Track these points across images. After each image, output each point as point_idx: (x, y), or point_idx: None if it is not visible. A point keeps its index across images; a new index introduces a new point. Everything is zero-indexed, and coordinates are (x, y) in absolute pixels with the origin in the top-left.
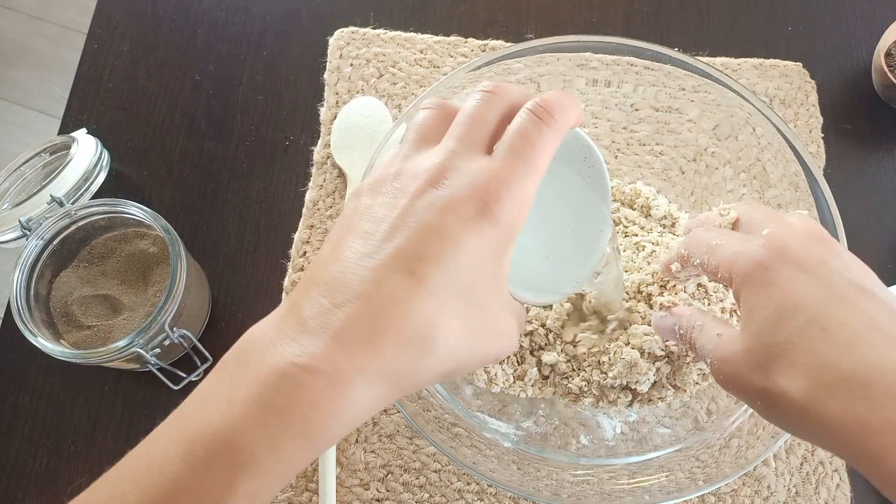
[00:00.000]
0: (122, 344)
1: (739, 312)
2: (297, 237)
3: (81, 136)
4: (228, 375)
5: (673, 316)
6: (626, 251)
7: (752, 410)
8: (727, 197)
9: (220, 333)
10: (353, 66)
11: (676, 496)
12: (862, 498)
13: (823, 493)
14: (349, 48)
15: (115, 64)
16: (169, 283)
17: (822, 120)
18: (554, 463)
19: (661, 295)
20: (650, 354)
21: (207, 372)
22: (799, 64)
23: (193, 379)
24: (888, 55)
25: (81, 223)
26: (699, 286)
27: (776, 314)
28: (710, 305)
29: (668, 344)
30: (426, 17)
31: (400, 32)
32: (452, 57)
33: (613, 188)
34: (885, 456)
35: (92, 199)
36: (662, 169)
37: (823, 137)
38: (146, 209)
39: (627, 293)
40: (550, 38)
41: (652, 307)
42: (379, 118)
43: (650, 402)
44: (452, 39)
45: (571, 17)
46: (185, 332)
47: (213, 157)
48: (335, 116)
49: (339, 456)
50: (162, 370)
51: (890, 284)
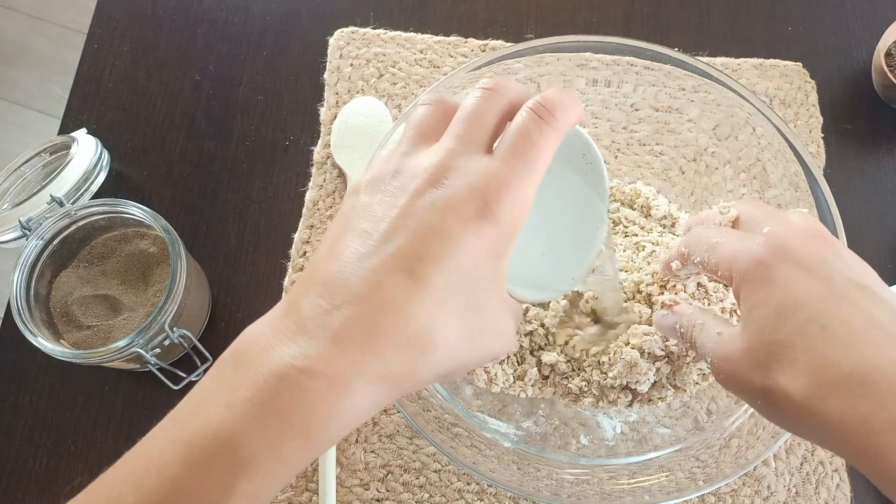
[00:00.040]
0: (122, 344)
1: (739, 311)
2: (297, 237)
3: (81, 136)
4: (226, 377)
5: (674, 314)
6: (626, 251)
7: (752, 410)
8: (727, 197)
9: (220, 333)
10: (353, 66)
11: (676, 496)
12: (862, 498)
13: (823, 493)
14: (349, 48)
15: (115, 64)
16: (169, 283)
17: (822, 120)
18: (554, 463)
19: (661, 294)
20: (650, 354)
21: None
22: (799, 64)
23: (193, 379)
24: (888, 55)
25: (81, 223)
26: (699, 286)
27: (776, 312)
28: (710, 305)
29: (668, 344)
30: (426, 17)
31: (400, 32)
32: (452, 57)
33: (613, 188)
34: (885, 455)
35: (92, 199)
36: (662, 169)
37: (823, 137)
38: (146, 209)
39: (626, 293)
40: (550, 38)
41: (652, 307)
42: (379, 118)
43: (650, 402)
44: (452, 39)
45: (571, 17)
46: (185, 332)
47: (213, 157)
48: (335, 116)
49: (339, 456)
50: (162, 370)
51: (890, 284)
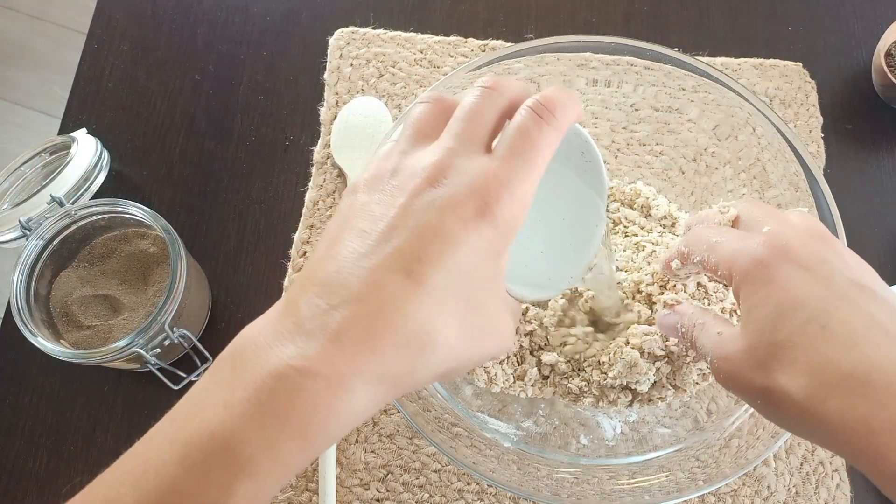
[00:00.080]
0: (122, 344)
1: (739, 311)
2: (297, 237)
3: (81, 136)
4: (224, 377)
5: (676, 314)
6: (625, 251)
7: (752, 410)
8: (727, 197)
9: (220, 333)
10: (353, 66)
11: (676, 496)
12: (862, 498)
13: (823, 493)
14: (349, 48)
15: (115, 64)
16: (169, 283)
17: (822, 120)
18: (554, 463)
19: (661, 294)
20: (650, 354)
21: None
22: (799, 64)
23: (193, 379)
24: (888, 55)
25: (81, 223)
26: (699, 286)
27: (776, 312)
28: (710, 305)
29: (668, 344)
30: (426, 17)
31: (400, 32)
32: (452, 57)
33: (613, 188)
34: (885, 455)
35: (92, 199)
36: (662, 169)
37: (823, 137)
38: (146, 209)
39: (626, 293)
40: (550, 38)
41: (652, 307)
42: (379, 118)
43: (650, 402)
44: (452, 39)
45: (571, 17)
46: (185, 332)
47: (213, 157)
48: (335, 116)
49: (339, 456)
50: (162, 370)
51: (890, 284)
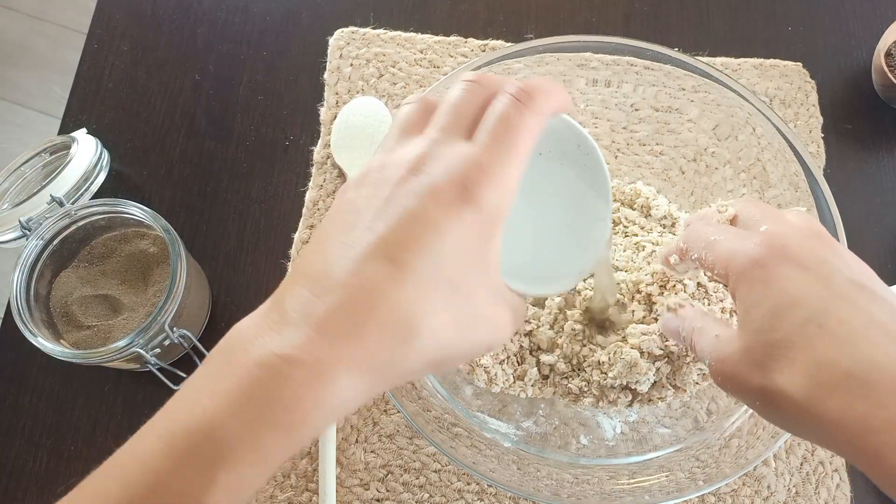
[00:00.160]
0: (122, 344)
1: (736, 311)
2: (297, 237)
3: (81, 136)
4: (212, 370)
5: (678, 318)
6: (625, 251)
7: (752, 410)
8: (727, 197)
9: (220, 333)
10: (353, 66)
11: (676, 496)
12: (862, 498)
13: (823, 493)
14: (349, 48)
15: (115, 64)
16: (169, 283)
17: (822, 120)
18: (554, 463)
19: (661, 295)
20: (650, 354)
21: None
22: (799, 64)
23: None
24: (888, 55)
25: (81, 223)
26: (699, 286)
27: (774, 312)
28: (710, 305)
29: (667, 343)
30: (426, 17)
31: (400, 32)
32: (452, 57)
33: (613, 188)
34: (886, 455)
35: (92, 199)
36: (662, 169)
37: (823, 137)
38: (146, 209)
39: (625, 293)
40: (550, 38)
41: (652, 307)
42: (379, 118)
43: (650, 402)
44: (452, 39)
45: (571, 17)
46: (185, 332)
47: (213, 157)
48: (335, 116)
49: (339, 456)
50: (162, 370)
51: (890, 285)
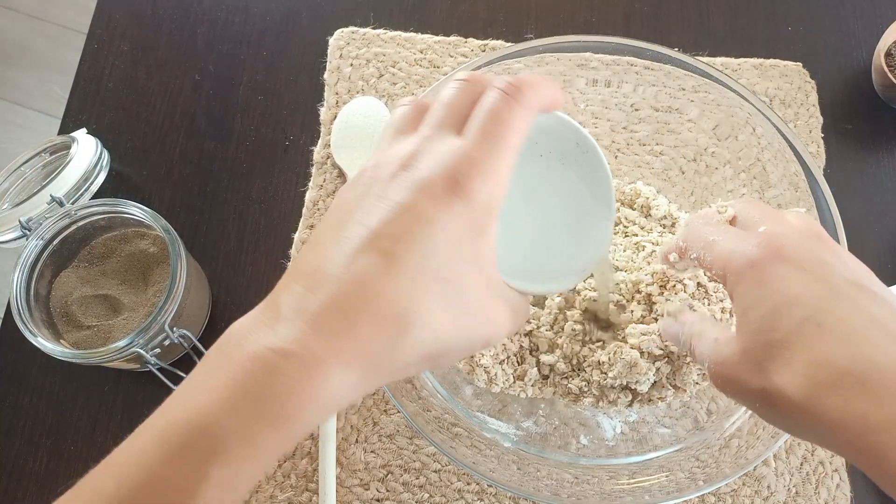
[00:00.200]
0: (122, 344)
1: (734, 312)
2: (297, 237)
3: (81, 136)
4: (208, 367)
5: (677, 323)
6: (625, 251)
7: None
8: (727, 197)
9: (219, 333)
10: (353, 66)
11: (676, 496)
12: (862, 498)
13: (823, 493)
14: (349, 48)
15: (115, 64)
16: (169, 283)
17: (822, 120)
18: (554, 463)
19: (660, 295)
20: (649, 354)
21: None
22: (799, 64)
23: None
24: (888, 55)
25: (81, 223)
26: (699, 286)
27: (771, 312)
28: (710, 305)
29: (667, 343)
30: (426, 17)
31: (400, 32)
32: (452, 57)
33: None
34: (886, 454)
35: (92, 199)
36: (662, 169)
37: (823, 137)
38: (146, 209)
39: (622, 295)
40: (550, 38)
41: (651, 307)
42: (379, 118)
43: (650, 402)
44: (452, 39)
45: (571, 17)
46: (185, 332)
47: (213, 157)
48: (335, 116)
49: (339, 456)
50: (162, 370)
51: (890, 285)
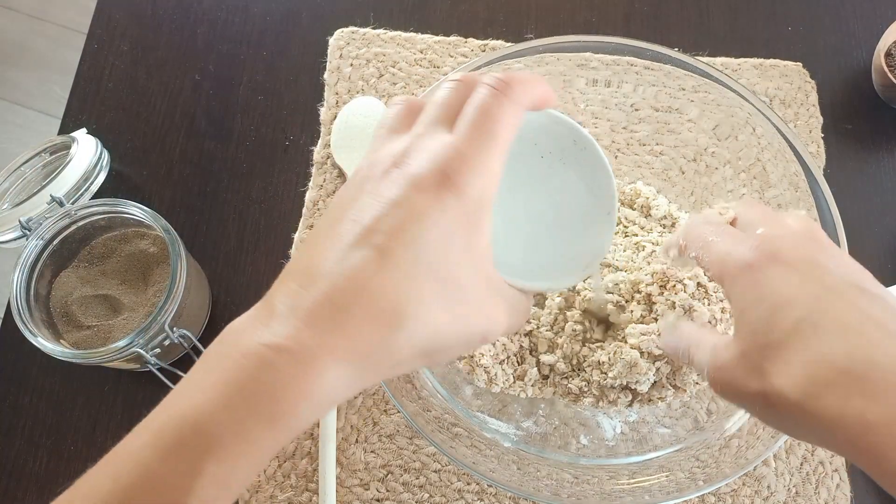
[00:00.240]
0: (122, 344)
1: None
2: (297, 237)
3: (81, 136)
4: (204, 366)
5: (675, 337)
6: (625, 251)
7: None
8: (727, 197)
9: (220, 333)
10: (353, 66)
11: (676, 496)
12: (862, 498)
13: (823, 493)
14: (349, 48)
15: (115, 64)
16: (169, 283)
17: (822, 120)
18: (554, 463)
19: (661, 295)
20: (649, 354)
21: None
22: (799, 64)
23: None
24: (888, 55)
25: (81, 223)
26: (699, 286)
27: (768, 314)
28: (710, 305)
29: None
30: (426, 17)
31: (400, 32)
32: (452, 57)
33: None
34: (886, 455)
35: (92, 199)
36: (662, 169)
37: (823, 137)
38: (146, 209)
39: (622, 295)
40: (550, 38)
41: (651, 307)
42: (379, 118)
43: (650, 402)
44: (452, 39)
45: (571, 17)
46: (185, 332)
47: (213, 157)
48: (335, 116)
49: (339, 456)
50: (162, 370)
51: (890, 284)
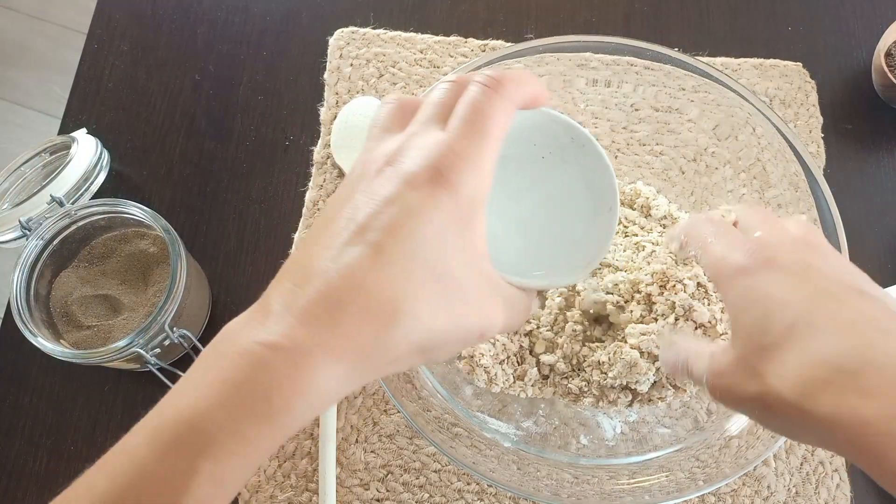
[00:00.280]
0: (122, 344)
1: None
2: (296, 237)
3: (81, 136)
4: (201, 365)
5: (673, 351)
6: (625, 251)
7: None
8: (727, 197)
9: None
10: (353, 66)
11: (676, 496)
12: (862, 498)
13: (823, 493)
14: (349, 48)
15: (115, 64)
16: (169, 283)
17: (822, 120)
18: (554, 463)
19: (660, 295)
20: (649, 354)
21: None
22: (799, 64)
23: None
24: (888, 55)
25: (81, 223)
26: (699, 286)
27: (762, 317)
28: (710, 305)
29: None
30: (426, 17)
31: (400, 32)
32: (452, 57)
33: None
34: (886, 454)
35: (92, 199)
36: (662, 169)
37: (823, 137)
38: (146, 209)
39: (622, 295)
40: (550, 38)
41: (651, 307)
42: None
43: (650, 402)
44: (452, 39)
45: (571, 17)
46: (185, 332)
47: (213, 157)
48: (335, 116)
49: (339, 456)
50: (162, 370)
51: (890, 284)
